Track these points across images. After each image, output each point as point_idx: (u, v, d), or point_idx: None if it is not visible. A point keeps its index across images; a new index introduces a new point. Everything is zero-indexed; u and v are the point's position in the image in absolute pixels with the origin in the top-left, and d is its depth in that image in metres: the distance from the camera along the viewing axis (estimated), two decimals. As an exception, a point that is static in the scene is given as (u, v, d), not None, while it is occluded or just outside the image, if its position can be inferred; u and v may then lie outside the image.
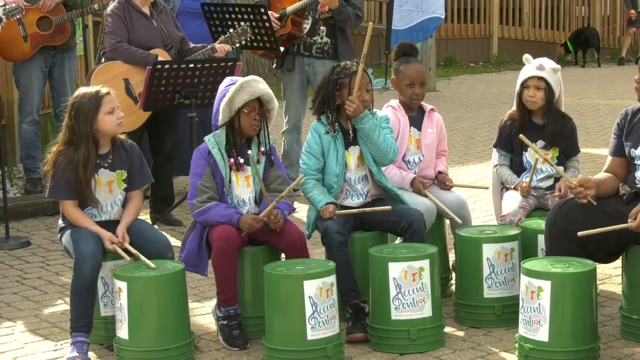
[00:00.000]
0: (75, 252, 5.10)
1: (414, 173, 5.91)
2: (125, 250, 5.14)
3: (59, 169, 5.17)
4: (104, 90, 5.22)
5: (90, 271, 5.04)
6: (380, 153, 5.47)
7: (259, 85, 5.28)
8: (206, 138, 5.31)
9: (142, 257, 5.09)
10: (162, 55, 7.30)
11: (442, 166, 6.05)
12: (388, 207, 5.40)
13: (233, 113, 5.27)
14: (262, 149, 5.38)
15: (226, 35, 7.57)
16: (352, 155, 5.54)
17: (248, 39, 7.63)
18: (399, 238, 5.62)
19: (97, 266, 5.08)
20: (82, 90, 5.28)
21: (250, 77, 5.31)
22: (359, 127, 5.44)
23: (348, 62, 5.57)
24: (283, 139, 8.50)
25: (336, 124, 5.49)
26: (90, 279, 5.05)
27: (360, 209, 5.47)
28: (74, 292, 5.07)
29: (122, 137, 5.35)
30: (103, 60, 7.47)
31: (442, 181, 5.97)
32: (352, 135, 5.51)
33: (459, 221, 5.75)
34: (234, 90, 5.23)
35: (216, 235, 5.16)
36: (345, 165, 5.51)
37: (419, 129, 5.96)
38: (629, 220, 4.92)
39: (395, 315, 5.05)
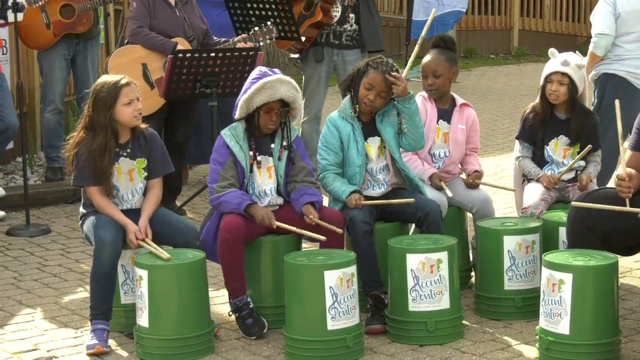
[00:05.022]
0: (94, 238, 5.11)
1: (438, 167, 5.87)
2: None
3: (81, 159, 5.18)
4: (124, 81, 5.20)
5: (109, 258, 5.05)
6: (417, 136, 5.49)
7: (281, 89, 5.20)
8: (222, 132, 5.30)
9: (160, 251, 5.07)
10: (183, 44, 7.31)
11: (476, 165, 5.96)
12: (411, 200, 5.39)
13: (251, 111, 5.24)
14: (285, 143, 5.36)
15: (250, 33, 7.55)
16: (372, 145, 5.53)
17: (273, 38, 7.61)
18: (412, 226, 5.61)
19: (116, 253, 5.09)
20: (104, 78, 5.28)
21: (276, 76, 5.23)
22: (405, 107, 5.42)
23: (384, 58, 5.51)
24: (302, 129, 8.48)
25: (355, 113, 5.48)
26: (109, 266, 5.06)
27: (386, 201, 5.46)
28: (93, 279, 5.09)
29: (143, 125, 5.35)
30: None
31: (474, 178, 5.88)
32: (370, 126, 5.50)
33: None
34: (254, 90, 5.19)
35: (222, 225, 5.15)
36: (366, 156, 5.50)
37: (449, 122, 5.91)
38: None
39: (412, 306, 5.05)
